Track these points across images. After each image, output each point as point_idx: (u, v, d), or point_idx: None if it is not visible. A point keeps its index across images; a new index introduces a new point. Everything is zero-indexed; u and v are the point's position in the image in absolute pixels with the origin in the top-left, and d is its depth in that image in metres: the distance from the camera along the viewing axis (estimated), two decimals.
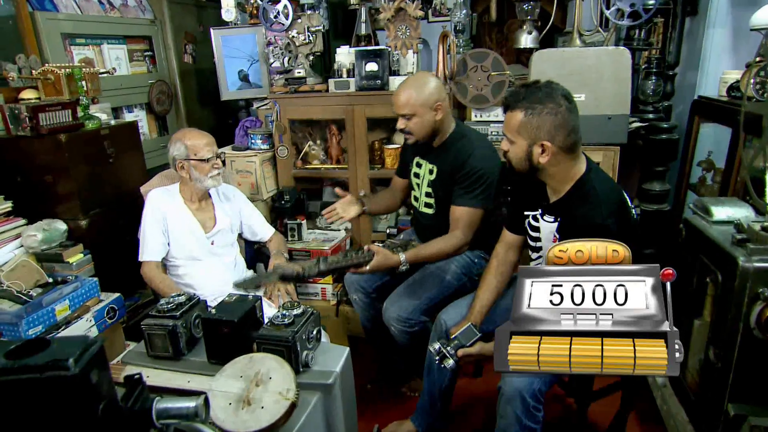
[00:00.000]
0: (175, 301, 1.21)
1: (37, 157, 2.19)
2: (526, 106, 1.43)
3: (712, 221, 1.20)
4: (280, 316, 1.14)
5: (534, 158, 1.46)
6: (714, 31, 2.82)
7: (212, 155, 2.03)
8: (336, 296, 2.62)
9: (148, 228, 2.06)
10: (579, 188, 1.48)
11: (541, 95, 1.42)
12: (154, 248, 2.06)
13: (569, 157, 1.46)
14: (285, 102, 2.70)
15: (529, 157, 1.46)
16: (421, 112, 1.94)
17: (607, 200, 1.44)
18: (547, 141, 1.42)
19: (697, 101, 2.43)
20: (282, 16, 2.66)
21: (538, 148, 1.43)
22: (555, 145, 1.42)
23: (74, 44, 2.82)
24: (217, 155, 2.06)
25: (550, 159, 1.44)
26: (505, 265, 1.81)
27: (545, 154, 1.44)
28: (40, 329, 1.89)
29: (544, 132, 1.41)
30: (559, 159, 1.45)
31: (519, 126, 1.44)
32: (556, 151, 1.43)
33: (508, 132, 1.49)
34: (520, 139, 1.46)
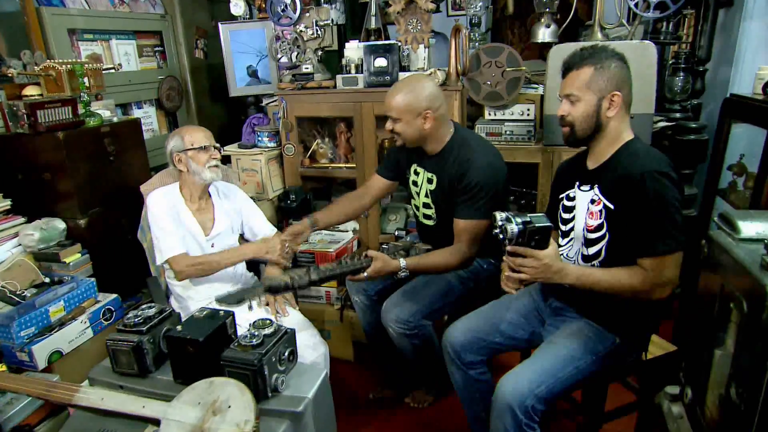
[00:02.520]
0: (144, 314, 1.13)
1: (36, 155, 2.15)
2: (595, 62, 1.44)
3: (739, 238, 1.06)
4: (249, 336, 1.05)
5: (602, 112, 1.45)
6: (751, 24, 2.62)
7: (209, 144, 1.98)
8: (340, 300, 2.53)
9: (164, 224, 1.96)
10: (625, 149, 1.48)
11: (605, 53, 1.46)
12: (178, 241, 1.95)
13: (627, 115, 1.49)
14: (292, 98, 2.62)
15: (597, 112, 1.45)
16: (407, 119, 1.84)
17: (658, 155, 1.44)
18: (618, 91, 1.43)
19: (728, 99, 2.24)
20: (290, 10, 2.58)
21: (607, 101, 1.44)
22: (622, 98, 1.44)
23: (82, 39, 2.79)
24: (215, 146, 2.00)
25: (616, 113, 1.45)
26: None
27: (613, 107, 1.44)
28: (32, 331, 1.86)
29: (615, 83, 1.43)
30: (621, 115, 1.47)
31: (589, 81, 1.44)
32: (621, 105, 1.45)
33: (575, 90, 1.46)
34: (588, 94, 1.45)
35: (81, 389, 0.99)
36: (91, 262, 2.23)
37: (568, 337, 1.53)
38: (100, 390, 1.01)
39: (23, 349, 1.80)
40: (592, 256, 1.51)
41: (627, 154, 1.46)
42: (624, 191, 1.41)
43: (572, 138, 1.52)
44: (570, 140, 1.54)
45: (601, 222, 1.47)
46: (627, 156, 1.46)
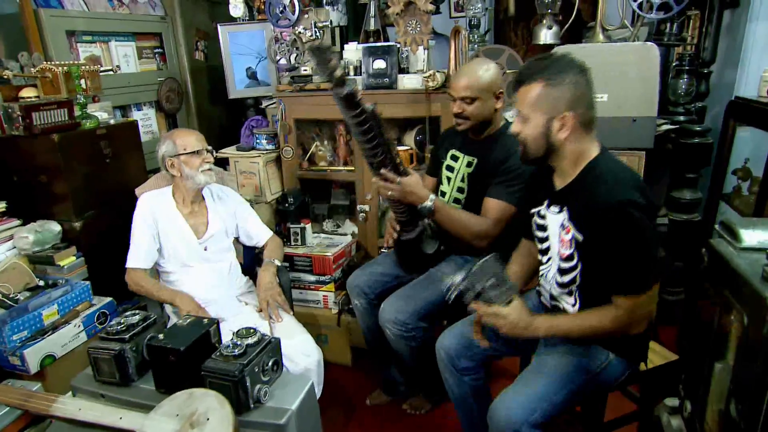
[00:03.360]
0: (127, 321, 1.11)
1: (31, 157, 2.14)
2: (545, 77, 1.30)
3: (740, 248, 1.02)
4: (231, 346, 1.02)
5: (552, 135, 1.33)
6: (757, 25, 2.57)
7: (202, 148, 1.96)
8: (338, 305, 2.50)
9: (138, 234, 1.99)
10: (592, 169, 1.35)
11: (560, 65, 1.32)
12: (143, 255, 1.98)
13: (586, 133, 1.35)
14: (291, 101, 2.60)
15: (546, 133, 1.33)
16: (485, 97, 1.83)
17: (627, 177, 1.32)
18: (569, 111, 1.29)
19: (733, 102, 2.20)
20: (288, 11, 2.55)
21: (558, 122, 1.31)
22: (575, 118, 1.30)
23: (81, 41, 2.77)
24: (208, 149, 1.98)
25: (569, 134, 1.32)
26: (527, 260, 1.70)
27: (565, 129, 1.31)
28: (25, 334, 1.84)
29: (565, 103, 1.29)
30: (577, 135, 1.33)
31: (537, 99, 1.31)
32: (575, 126, 1.31)
33: (524, 108, 1.35)
34: (537, 114, 1.33)
35: (59, 399, 0.96)
36: (86, 265, 2.20)
37: (562, 356, 1.45)
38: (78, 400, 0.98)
39: (15, 353, 1.79)
40: (567, 284, 1.45)
41: (593, 178, 1.35)
42: (593, 222, 1.32)
43: (527, 158, 1.43)
44: (525, 160, 1.44)
45: (572, 252, 1.39)
46: (593, 180, 1.34)
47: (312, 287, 2.51)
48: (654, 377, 1.64)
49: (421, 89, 2.36)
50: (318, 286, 2.50)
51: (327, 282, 2.48)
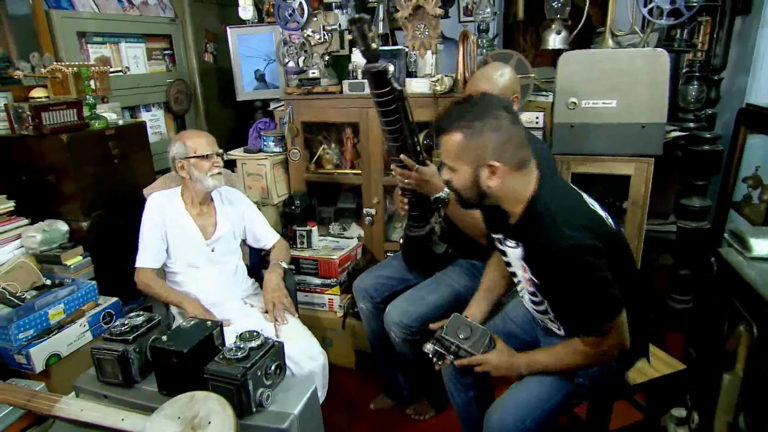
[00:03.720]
0: (131, 322, 1.11)
1: (40, 157, 2.15)
2: (463, 126, 1.25)
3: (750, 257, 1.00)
4: (234, 349, 1.02)
5: (482, 183, 1.28)
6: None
7: (212, 152, 1.96)
8: (343, 308, 2.49)
9: (147, 233, 2.00)
10: (531, 209, 1.30)
11: (478, 110, 1.26)
12: (152, 255, 2.00)
13: (520, 175, 1.29)
14: (298, 104, 2.60)
15: (476, 183, 1.29)
16: None
17: (565, 217, 1.25)
18: (495, 161, 1.24)
19: (744, 109, 2.18)
20: (297, 14, 2.56)
21: (486, 170, 1.26)
22: (504, 165, 1.25)
23: (91, 42, 2.79)
24: (218, 153, 1.98)
25: (499, 180, 1.27)
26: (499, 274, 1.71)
27: (495, 177, 1.27)
28: (31, 333, 1.85)
29: (489, 152, 1.24)
30: (510, 178, 1.28)
31: (459, 150, 1.27)
32: (506, 171, 1.26)
33: (448, 159, 1.31)
34: (462, 165, 1.28)
35: (61, 400, 0.96)
36: (93, 265, 2.21)
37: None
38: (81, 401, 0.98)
39: (21, 351, 1.80)
40: (543, 312, 1.47)
41: (533, 219, 1.30)
42: (543, 266, 1.31)
43: (463, 204, 1.39)
44: (463, 205, 1.40)
45: (535, 290, 1.42)
46: (534, 221, 1.30)
47: (317, 290, 2.51)
48: (661, 386, 1.62)
49: (429, 93, 2.36)
50: (323, 289, 2.50)
51: (332, 285, 2.48)
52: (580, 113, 2.12)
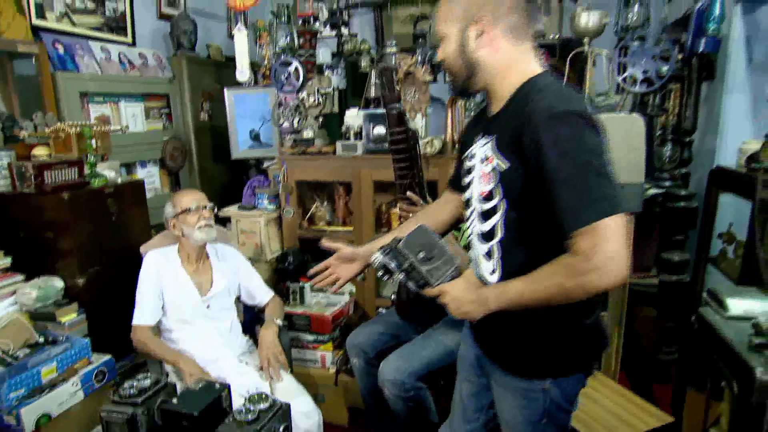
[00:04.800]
0: (139, 385, 1.14)
1: (40, 214, 2.19)
2: None
3: (727, 316, 1.08)
4: (244, 411, 1.05)
5: (469, 44, 1.12)
6: (732, 97, 2.74)
7: (197, 205, 2.03)
8: (335, 364, 2.50)
9: (144, 291, 2.04)
10: (529, 86, 1.11)
11: None
12: (149, 312, 2.02)
13: (515, 44, 1.13)
14: (293, 162, 2.69)
15: (462, 47, 1.12)
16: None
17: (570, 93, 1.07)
18: (484, 13, 1.09)
19: (715, 171, 2.33)
20: (293, 78, 2.69)
21: (474, 28, 1.11)
22: (494, 21, 1.09)
23: (92, 102, 2.89)
24: (204, 206, 2.05)
25: (490, 44, 1.11)
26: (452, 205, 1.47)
27: (484, 36, 1.10)
28: (22, 392, 1.83)
29: (478, 3, 1.10)
30: (503, 44, 1.12)
31: (449, 9, 1.14)
32: (497, 32, 1.10)
33: (440, 26, 1.17)
34: (451, 26, 1.13)
35: None
36: (87, 322, 2.22)
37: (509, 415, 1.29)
38: None
39: (11, 411, 1.77)
40: (487, 234, 1.18)
41: (526, 93, 1.10)
42: (522, 143, 1.04)
43: (455, 86, 1.23)
44: (455, 89, 1.24)
45: (493, 187, 1.13)
46: (526, 95, 1.09)
47: (310, 346, 2.52)
48: None
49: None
50: (316, 345, 2.51)
51: (325, 341, 2.50)
52: None
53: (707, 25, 2.23)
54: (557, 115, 0.99)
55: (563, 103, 1.01)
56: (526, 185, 1.06)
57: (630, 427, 1.66)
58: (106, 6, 3.12)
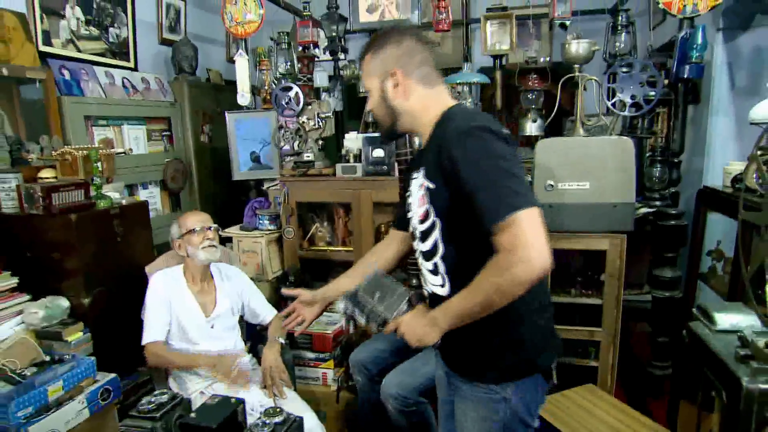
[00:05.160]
0: (157, 400, 1.18)
1: (47, 235, 2.23)
2: (371, 48, 1.33)
3: (716, 330, 1.15)
4: (260, 424, 1.09)
5: (389, 95, 1.30)
6: (717, 120, 2.86)
7: (201, 226, 2.08)
8: (337, 381, 2.53)
9: (152, 308, 2.07)
10: (445, 115, 1.26)
11: (384, 31, 1.35)
12: (159, 329, 2.05)
13: (428, 88, 1.31)
14: (294, 184, 2.76)
15: (384, 98, 1.31)
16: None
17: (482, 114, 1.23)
18: (396, 68, 1.28)
19: (702, 191, 2.42)
20: (293, 102, 2.77)
21: (390, 81, 1.29)
22: (406, 74, 1.28)
23: (96, 125, 2.96)
24: (208, 227, 2.10)
25: (405, 93, 1.29)
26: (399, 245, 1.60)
27: (399, 87, 1.29)
28: (30, 410, 1.84)
29: (392, 61, 1.29)
30: (417, 91, 1.30)
31: (369, 69, 1.33)
32: (409, 83, 1.29)
33: (366, 82, 1.36)
34: (373, 81, 1.33)
35: None
36: (92, 341, 2.25)
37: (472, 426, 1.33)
38: None
39: (18, 429, 1.79)
40: (429, 253, 1.30)
41: (443, 123, 1.25)
42: (440, 163, 1.18)
43: (384, 132, 1.41)
44: (384, 135, 1.42)
45: (427, 208, 1.27)
46: (442, 124, 1.25)
47: (311, 364, 2.56)
48: None
49: None
50: (317, 363, 2.55)
51: (326, 359, 2.54)
52: (557, 194, 2.32)
53: (691, 53, 2.33)
54: (465, 131, 1.14)
55: (469, 121, 1.16)
56: (453, 200, 1.17)
57: None
58: (109, 32, 3.21)
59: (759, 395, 0.94)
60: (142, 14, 3.44)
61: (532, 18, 3.26)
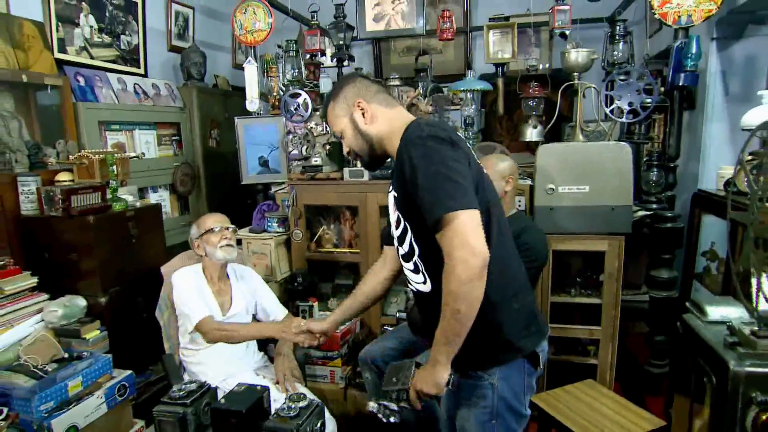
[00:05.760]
0: (187, 388, 1.26)
1: (65, 236, 2.31)
2: (332, 98, 1.48)
3: (707, 321, 1.23)
4: (287, 408, 1.18)
5: (361, 127, 1.43)
6: (712, 125, 2.95)
7: (220, 226, 2.17)
8: (345, 379, 2.61)
9: (189, 295, 2.11)
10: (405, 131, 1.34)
11: (336, 85, 1.51)
12: (202, 307, 2.09)
13: (391, 111, 1.44)
14: (302, 188, 2.84)
15: (357, 129, 1.43)
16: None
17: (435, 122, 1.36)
18: (359, 99, 1.42)
19: (697, 194, 2.51)
20: (302, 109, 2.86)
21: (357, 112, 1.42)
22: (368, 101, 1.42)
23: (109, 130, 3.04)
24: (226, 227, 2.19)
25: (372, 117, 1.42)
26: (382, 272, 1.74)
27: (367, 115, 1.42)
28: (51, 405, 1.92)
29: (352, 96, 1.43)
30: (382, 116, 1.42)
31: (335, 113, 1.46)
32: (373, 107, 1.42)
33: (335, 127, 1.49)
34: (342, 121, 1.46)
35: None
36: (108, 339, 2.32)
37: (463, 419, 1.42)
38: None
39: (42, 423, 1.87)
40: (407, 254, 1.41)
41: (402, 136, 1.34)
42: (400, 171, 1.30)
43: (364, 163, 1.53)
44: (366, 166, 1.56)
45: (397, 215, 1.40)
46: (402, 137, 1.33)
47: (319, 362, 2.64)
48: None
49: None
50: (325, 361, 2.63)
51: (334, 357, 2.61)
52: (557, 197, 2.41)
53: (685, 62, 2.42)
54: (411, 140, 1.26)
55: (417, 131, 1.27)
56: (413, 204, 1.26)
57: (624, 430, 1.79)
58: (121, 39, 3.30)
59: (745, 377, 1.03)
60: (152, 22, 3.54)
61: (533, 26, 3.36)
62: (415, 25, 3.16)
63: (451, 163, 1.20)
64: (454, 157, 1.22)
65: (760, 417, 1.02)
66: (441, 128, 1.28)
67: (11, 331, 2.11)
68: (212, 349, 2.16)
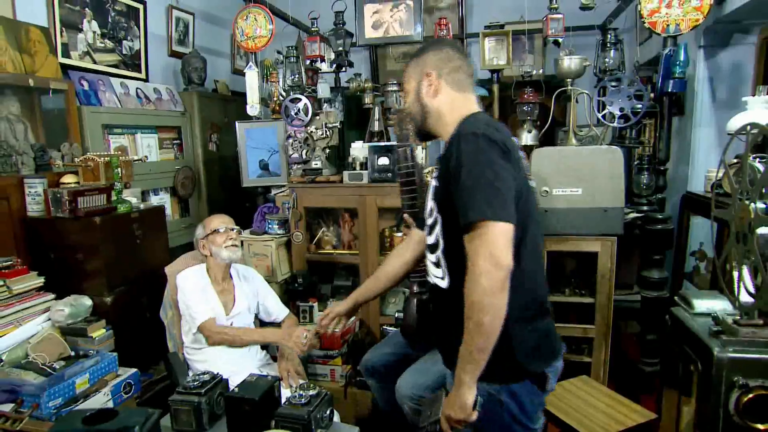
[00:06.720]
0: (201, 379, 1.32)
1: (71, 237, 2.35)
2: (413, 58, 1.49)
3: (694, 313, 1.31)
4: (297, 396, 1.24)
5: (423, 94, 1.44)
6: (700, 130, 3.05)
7: (225, 227, 2.22)
8: (345, 377, 2.66)
9: (194, 295, 2.17)
10: (463, 121, 1.35)
11: (428, 42, 1.56)
12: (206, 309, 2.15)
13: (459, 95, 1.44)
14: (302, 191, 2.90)
15: (418, 95, 1.45)
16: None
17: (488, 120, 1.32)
18: (432, 70, 1.42)
19: (685, 196, 2.60)
20: (302, 113, 2.93)
21: (425, 82, 1.43)
22: (440, 77, 1.42)
23: (112, 134, 3.09)
24: (231, 228, 2.24)
25: (438, 94, 1.42)
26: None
27: (432, 88, 1.42)
28: (59, 402, 1.96)
29: (428, 65, 1.44)
30: (447, 95, 1.43)
31: (409, 74, 1.48)
32: (442, 85, 1.42)
33: (405, 85, 1.51)
34: (411, 83, 1.48)
35: None
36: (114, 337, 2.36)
37: None
38: None
39: (51, 419, 1.91)
40: (433, 246, 1.42)
41: (458, 126, 1.35)
42: (445, 161, 1.30)
43: (416, 131, 1.53)
44: (417, 134, 1.54)
45: (432, 204, 1.40)
46: (458, 127, 1.34)
47: (319, 361, 2.69)
48: None
49: None
50: (326, 360, 2.68)
51: (335, 356, 2.67)
52: (551, 199, 2.48)
53: (674, 69, 2.51)
54: (463, 136, 1.25)
55: (472, 127, 1.25)
56: (449, 198, 1.25)
57: (618, 423, 1.86)
58: (123, 45, 3.35)
59: (728, 362, 1.11)
60: (153, 28, 3.59)
61: (527, 34, 3.44)
62: (412, 32, 3.24)
63: (497, 169, 1.18)
64: (501, 164, 1.20)
65: (742, 399, 1.09)
66: (497, 130, 1.27)
67: (19, 329, 2.15)
68: (215, 349, 2.20)
